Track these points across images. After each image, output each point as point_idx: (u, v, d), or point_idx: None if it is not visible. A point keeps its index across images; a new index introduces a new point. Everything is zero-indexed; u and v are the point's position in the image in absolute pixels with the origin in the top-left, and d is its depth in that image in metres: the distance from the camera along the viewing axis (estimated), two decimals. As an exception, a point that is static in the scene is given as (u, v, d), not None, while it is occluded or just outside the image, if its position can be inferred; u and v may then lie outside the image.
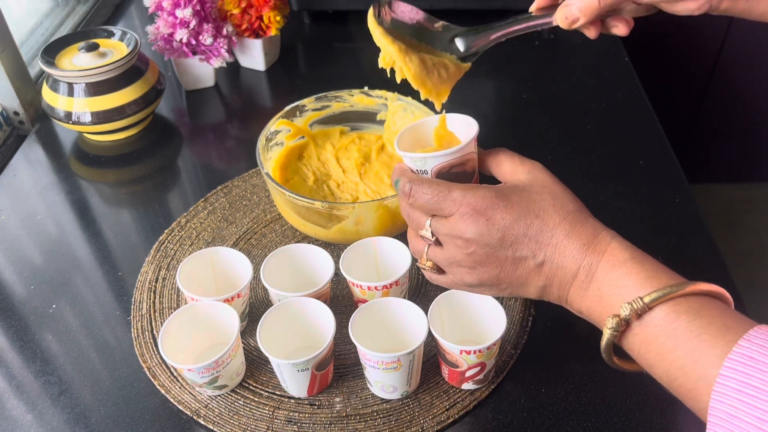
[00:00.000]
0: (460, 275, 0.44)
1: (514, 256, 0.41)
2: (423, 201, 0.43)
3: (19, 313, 0.60)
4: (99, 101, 0.76)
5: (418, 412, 0.50)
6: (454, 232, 0.42)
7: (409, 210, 0.45)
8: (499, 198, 0.41)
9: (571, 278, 0.40)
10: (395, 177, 0.45)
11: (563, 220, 0.40)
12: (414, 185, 0.43)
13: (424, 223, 0.44)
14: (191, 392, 0.52)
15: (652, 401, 0.51)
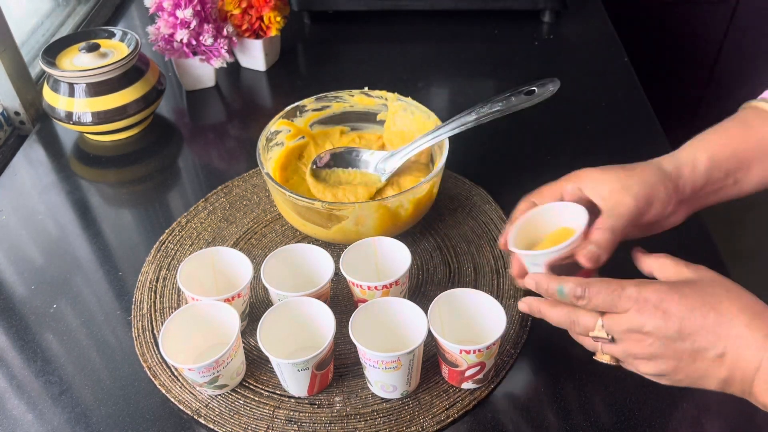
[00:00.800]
0: (636, 366, 0.44)
1: (692, 348, 0.41)
2: (598, 301, 0.43)
3: (19, 312, 0.60)
4: (100, 101, 0.76)
5: (417, 412, 0.50)
6: (632, 328, 0.42)
7: (574, 314, 0.45)
8: (673, 290, 0.41)
9: (754, 370, 0.39)
10: (554, 286, 0.45)
11: (741, 312, 0.40)
12: (587, 288, 0.43)
13: (594, 324, 0.44)
14: (192, 392, 0.52)
15: (651, 401, 0.51)
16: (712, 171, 0.48)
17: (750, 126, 0.48)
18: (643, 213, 0.47)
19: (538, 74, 0.64)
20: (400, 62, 0.93)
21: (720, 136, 0.49)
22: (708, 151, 0.48)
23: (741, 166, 0.48)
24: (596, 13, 1.02)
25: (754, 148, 0.48)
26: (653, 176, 0.47)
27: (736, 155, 0.48)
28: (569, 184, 0.50)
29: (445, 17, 1.02)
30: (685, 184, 0.48)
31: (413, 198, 0.60)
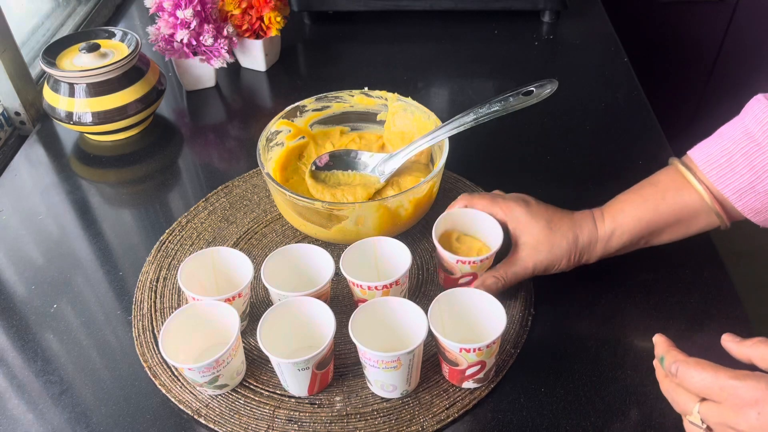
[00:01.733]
0: None
1: None
2: (691, 385, 0.41)
3: (20, 312, 0.60)
4: (100, 101, 0.76)
5: (418, 411, 0.51)
6: (727, 422, 0.40)
7: (675, 392, 0.43)
8: None
9: None
10: (659, 352, 0.44)
11: None
12: (681, 367, 0.42)
13: (692, 409, 0.42)
14: (192, 391, 0.52)
15: (651, 401, 0.51)
16: (625, 242, 0.54)
17: (663, 198, 0.53)
18: (546, 270, 0.55)
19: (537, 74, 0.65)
20: (400, 62, 0.93)
21: (637, 209, 0.53)
22: (620, 229, 0.54)
23: (653, 233, 0.54)
24: (596, 14, 1.02)
25: (667, 218, 0.53)
26: (566, 245, 0.54)
27: (649, 227, 0.53)
28: (498, 211, 0.56)
29: (445, 17, 1.02)
30: (592, 256, 0.55)
31: (413, 198, 0.60)
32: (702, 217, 0.52)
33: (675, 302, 0.58)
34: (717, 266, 0.61)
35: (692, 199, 0.52)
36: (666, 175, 0.54)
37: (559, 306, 0.58)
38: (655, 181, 0.54)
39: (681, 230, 0.54)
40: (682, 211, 0.52)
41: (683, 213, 0.52)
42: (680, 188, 0.52)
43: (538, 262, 0.54)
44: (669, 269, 0.61)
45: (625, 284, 0.60)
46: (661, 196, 0.53)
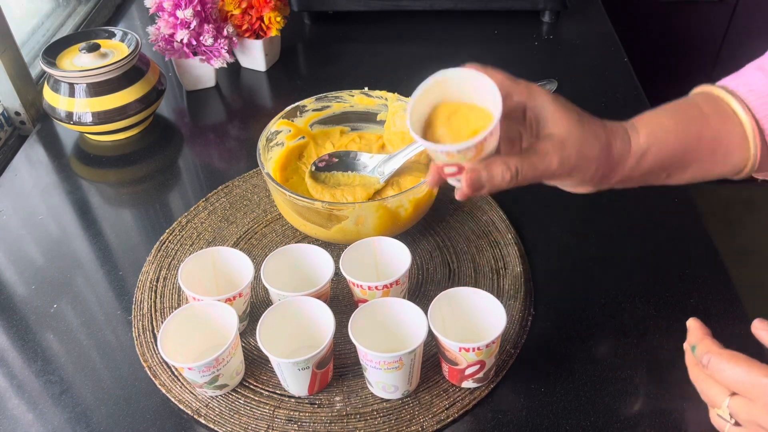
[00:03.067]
0: None
1: None
2: (722, 378, 0.39)
3: (20, 312, 0.60)
4: (100, 102, 0.76)
5: (417, 411, 0.51)
6: (758, 421, 0.38)
7: (705, 384, 0.41)
8: None
9: None
10: (692, 340, 0.42)
11: None
12: (714, 359, 0.39)
13: (721, 403, 0.39)
14: (192, 391, 0.52)
15: (651, 401, 0.51)
16: (653, 168, 0.44)
17: (708, 123, 0.44)
18: (570, 174, 0.42)
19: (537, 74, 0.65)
20: (400, 62, 0.93)
21: (680, 128, 0.44)
22: (657, 147, 0.43)
23: (680, 166, 0.45)
24: (596, 14, 1.02)
25: (706, 147, 0.44)
26: (599, 147, 0.42)
27: (682, 155, 0.44)
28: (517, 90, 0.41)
29: (445, 17, 1.02)
30: (617, 174, 0.44)
31: (413, 198, 0.60)
32: (735, 154, 0.44)
33: (675, 302, 0.58)
34: (717, 266, 0.61)
35: (735, 131, 0.43)
36: (705, 100, 0.45)
37: (559, 306, 0.58)
38: (694, 102, 0.45)
39: (709, 167, 0.45)
40: (723, 141, 0.43)
41: (722, 144, 0.44)
42: (725, 116, 0.43)
43: (565, 158, 0.41)
44: (669, 269, 0.62)
45: (625, 284, 0.60)
46: (706, 120, 0.44)
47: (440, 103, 0.41)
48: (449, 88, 0.41)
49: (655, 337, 0.55)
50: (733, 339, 0.55)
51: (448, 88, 0.41)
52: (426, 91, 0.40)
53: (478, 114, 0.40)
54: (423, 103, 0.41)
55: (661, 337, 0.55)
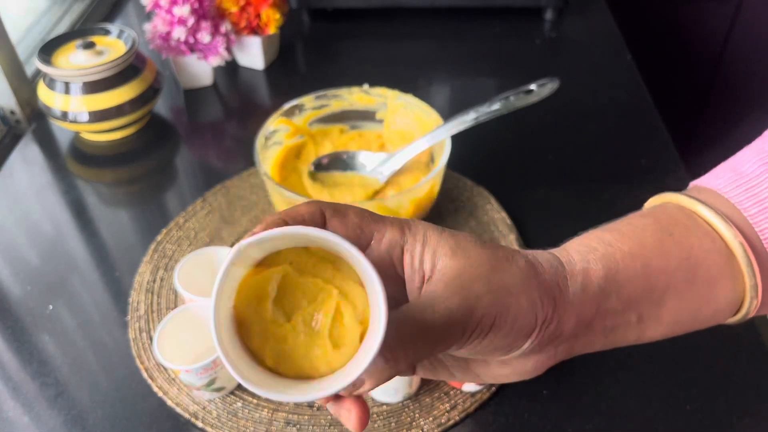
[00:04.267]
0: None
1: None
2: None
3: (15, 313, 0.59)
4: (96, 100, 0.75)
5: (418, 414, 0.50)
6: None
7: None
8: None
9: None
10: None
11: None
12: None
13: None
14: (189, 394, 0.52)
15: (654, 403, 0.50)
16: (611, 300, 0.29)
17: (671, 234, 0.30)
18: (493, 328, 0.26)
19: (539, 72, 0.64)
20: (400, 60, 0.92)
21: (623, 242, 0.29)
22: (604, 261, 0.29)
23: (648, 296, 0.29)
24: (599, 11, 1.01)
25: (675, 268, 0.29)
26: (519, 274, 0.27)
27: (646, 275, 0.29)
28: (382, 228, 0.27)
29: (446, 14, 1.01)
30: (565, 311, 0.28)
31: (413, 198, 0.59)
32: (724, 285, 0.30)
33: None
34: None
35: (715, 248, 0.30)
36: (664, 209, 0.32)
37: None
38: (647, 213, 0.32)
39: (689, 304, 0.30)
40: (699, 262, 0.29)
41: (699, 266, 0.29)
42: (695, 226, 0.30)
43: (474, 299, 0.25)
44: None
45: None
46: (667, 230, 0.30)
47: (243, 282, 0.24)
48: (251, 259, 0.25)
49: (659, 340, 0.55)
50: (737, 341, 0.54)
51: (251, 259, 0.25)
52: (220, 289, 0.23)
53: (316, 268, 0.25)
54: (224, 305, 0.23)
55: (665, 339, 0.55)
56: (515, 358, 0.28)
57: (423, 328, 0.24)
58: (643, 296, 0.29)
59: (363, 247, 0.26)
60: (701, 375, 0.52)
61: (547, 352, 0.28)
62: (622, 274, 0.28)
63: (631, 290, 0.29)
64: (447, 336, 0.24)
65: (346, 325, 0.24)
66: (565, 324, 0.27)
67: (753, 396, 0.50)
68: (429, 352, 0.24)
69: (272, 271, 0.24)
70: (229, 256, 0.22)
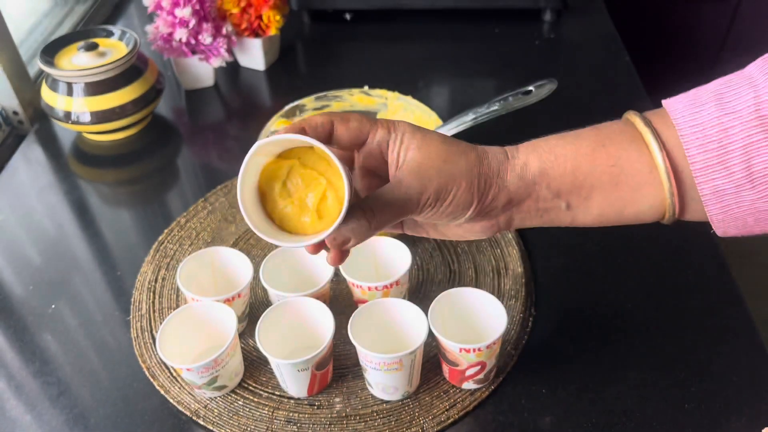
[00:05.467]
0: None
1: None
2: None
3: (18, 313, 0.60)
4: (98, 101, 0.75)
5: (418, 413, 0.50)
6: None
7: None
8: None
9: None
10: None
11: None
12: None
13: None
14: (191, 393, 0.52)
15: (653, 402, 0.50)
16: (542, 189, 0.37)
17: (604, 145, 0.37)
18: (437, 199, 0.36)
19: (538, 73, 0.64)
20: (400, 61, 0.93)
21: (564, 146, 0.38)
22: (542, 159, 0.37)
23: (577, 190, 0.37)
24: (597, 12, 1.01)
25: (601, 173, 0.37)
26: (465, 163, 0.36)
27: (573, 176, 0.37)
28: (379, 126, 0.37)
29: (446, 16, 1.02)
30: (501, 192, 0.37)
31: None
32: (646, 192, 0.36)
33: (677, 303, 0.58)
34: (720, 266, 0.61)
35: (641, 164, 0.36)
36: (609, 126, 0.39)
37: (559, 307, 0.58)
38: (597, 126, 0.39)
39: (617, 201, 0.37)
40: (624, 172, 0.36)
41: (624, 176, 0.36)
42: (630, 141, 0.37)
43: (426, 179, 0.35)
44: (671, 269, 0.61)
45: (626, 285, 0.59)
46: (601, 141, 0.37)
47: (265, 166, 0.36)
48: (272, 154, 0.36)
49: (657, 338, 0.55)
50: (736, 340, 0.55)
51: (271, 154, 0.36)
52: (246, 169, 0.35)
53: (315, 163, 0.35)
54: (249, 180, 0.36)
55: (664, 338, 0.55)
56: (465, 223, 0.38)
57: (389, 201, 0.35)
58: (571, 190, 0.37)
59: (361, 143, 0.37)
60: (700, 374, 0.52)
61: (489, 220, 0.38)
62: (554, 171, 0.37)
63: (560, 183, 0.37)
64: (405, 206, 0.35)
65: (329, 204, 0.35)
66: (499, 199, 0.37)
67: (751, 395, 0.51)
68: (394, 216, 0.35)
69: (285, 162, 0.36)
70: (250, 150, 0.34)
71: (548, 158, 0.38)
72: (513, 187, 0.37)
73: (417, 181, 0.35)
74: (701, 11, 1.33)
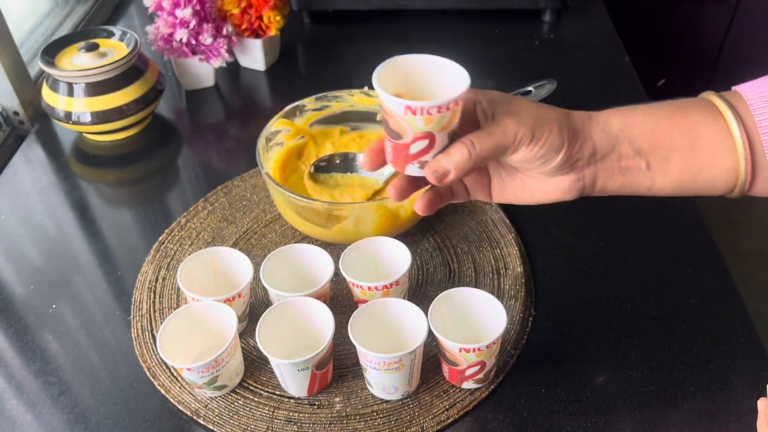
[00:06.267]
0: None
1: None
2: None
3: (18, 313, 0.60)
4: (99, 101, 0.76)
5: (417, 412, 0.50)
6: None
7: None
8: None
9: None
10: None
11: None
12: None
13: None
14: (191, 392, 0.52)
15: (652, 402, 0.51)
16: (624, 146, 0.40)
17: (681, 109, 0.41)
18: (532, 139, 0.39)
19: (538, 74, 0.64)
20: (400, 62, 0.93)
21: (648, 111, 0.41)
22: (624, 117, 0.41)
23: (657, 150, 0.40)
24: (597, 13, 1.02)
25: (680, 135, 0.40)
26: (554, 113, 0.40)
27: (653, 136, 0.40)
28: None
29: (446, 16, 1.02)
30: (587, 143, 0.40)
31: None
32: (721, 159, 0.39)
33: (676, 303, 0.58)
34: (719, 266, 0.61)
35: (717, 130, 0.39)
36: (690, 99, 0.42)
37: (559, 307, 0.58)
38: (677, 101, 0.42)
39: (693, 163, 0.40)
40: (702, 135, 0.39)
41: (701, 140, 0.39)
42: (705, 109, 0.40)
43: (522, 124, 0.39)
44: (670, 270, 0.61)
45: (625, 285, 0.60)
46: (679, 106, 0.41)
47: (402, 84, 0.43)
48: (411, 70, 0.44)
49: (656, 338, 0.55)
50: (735, 340, 0.55)
51: (410, 70, 0.44)
52: (388, 68, 0.42)
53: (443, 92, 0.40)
54: (387, 79, 0.41)
55: (663, 338, 0.55)
56: (554, 176, 0.41)
57: (489, 132, 0.38)
58: (650, 149, 0.40)
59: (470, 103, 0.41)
60: (698, 373, 0.52)
61: (576, 173, 0.41)
62: (634, 129, 0.40)
63: (641, 142, 0.40)
64: (503, 140, 0.38)
65: None
66: (586, 148, 0.40)
67: (750, 394, 0.51)
68: (492, 149, 0.38)
69: None
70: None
71: (629, 117, 0.40)
72: (597, 138, 0.40)
73: (514, 120, 0.39)
74: (701, 11, 1.33)
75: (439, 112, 0.37)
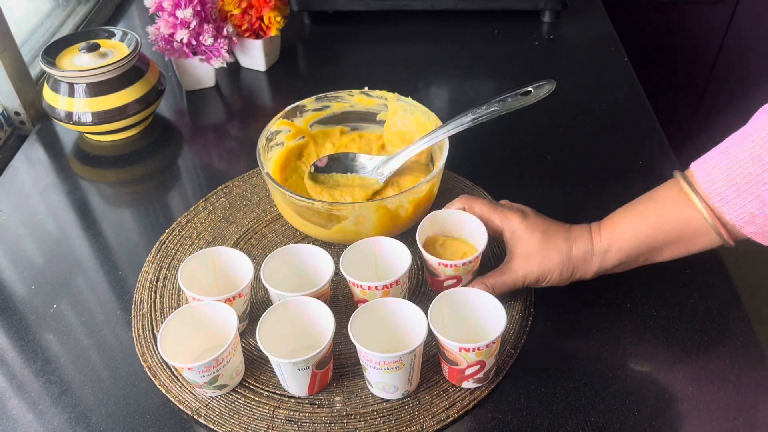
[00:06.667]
0: None
1: None
2: None
3: (19, 312, 0.60)
4: (99, 101, 0.76)
5: (417, 412, 0.50)
6: None
7: None
8: None
9: None
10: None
11: None
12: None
13: None
14: (192, 392, 0.52)
15: (651, 401, 0.51)
16: (622, 259, 0.53)
17: (662, 215, 0.51)
18: (537, 282, 0.55)
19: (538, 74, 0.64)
20: (400, 62, 0.93)
21: (634, 225, 0.52)
22: (621, 243, 0.52)
23: (652, 250, 0.52)
24: (596, 13, 1.02)
25: (666, 235, 0.51)
26: (558, 258, 0.53)
27: (647, 243, 0.52)
28: (496, 218, 0.56)
29: (446, 17, 1.02)
30: (588, 271, 0.54)
31: (413, 198, 0.60)
32: (704, 236, 0.50)
33: (675, 302, 0.58)
34: (717, 266, 0.61)
35: (693, 217, 0.49)
36: (667, 190, 0.51)
37: (559, 306, 0.58)
38: (654, 196, 0.52)
39: (682, 248, 0.51)
40: (683, 229, 0.50)
41: (684, 231, 0.50)
42: (681, 205, 0.49)
43: (529, 272, 0.53)
44: (669, 269, 0.61)
45: (625, 284, 0.60)
46: (660, 212, 0.51)
47: (431, 235, 0.58)
48: (439, 223, 0.58)
49: (655, 337, 0.55)
50: (733, 339, 0.55)
51: (439, 223, 0.58)
52: (422, 226, 0.56)
53: (461, 244, 0.58)
54: (421, 236, 0.56)
55: (662, 337, 0.55)
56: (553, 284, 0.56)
57: (505, 281, 0.55)
58: (646, 251, 0.53)
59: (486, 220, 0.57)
60: (698, 373, 0.53)
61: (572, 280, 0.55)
62: (631, 251, 0.53)
63: (636, 254, 0.53)
64: (515, 282, 0.55)
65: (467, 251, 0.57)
66: (588, 274, 0.54)
67: (749, 394, 0.51)
68: (507, 289, 0.55)
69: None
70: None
71: (621, 238, 0.52)
72: (597, 266, 0.53)
73: (522, 270, 0.54)
74: (700, 12, 1.33)
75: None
